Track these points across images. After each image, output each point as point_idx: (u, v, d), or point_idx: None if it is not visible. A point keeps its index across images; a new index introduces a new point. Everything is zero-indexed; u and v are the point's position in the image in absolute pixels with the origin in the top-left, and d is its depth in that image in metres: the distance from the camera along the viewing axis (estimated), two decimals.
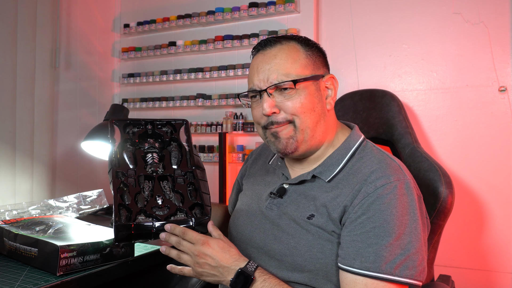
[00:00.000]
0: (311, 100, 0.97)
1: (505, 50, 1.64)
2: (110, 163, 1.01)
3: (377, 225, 0.87)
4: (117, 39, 2.53)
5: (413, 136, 1.44)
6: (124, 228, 0.91)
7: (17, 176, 1.90)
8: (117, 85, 2.54)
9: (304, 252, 0.93)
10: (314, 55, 1.01)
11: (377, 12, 1.86)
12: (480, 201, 1.67)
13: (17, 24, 1.90)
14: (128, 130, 1.06)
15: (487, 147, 1.66)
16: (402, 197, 0.89)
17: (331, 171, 0.99)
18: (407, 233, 0.87)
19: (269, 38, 1.03)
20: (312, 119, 0.98)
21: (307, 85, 0.98)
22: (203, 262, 0.91)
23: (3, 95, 1.84)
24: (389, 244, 0.85)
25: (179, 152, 1.06)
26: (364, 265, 0.85)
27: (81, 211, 1.61)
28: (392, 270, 0.84)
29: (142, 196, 0.97)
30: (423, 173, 1.27)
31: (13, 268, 1.07)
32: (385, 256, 0.85)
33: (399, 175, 0.92)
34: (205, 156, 2.16)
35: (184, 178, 1.03)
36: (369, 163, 0.96)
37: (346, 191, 0.94)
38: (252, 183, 1.16)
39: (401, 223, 0.87)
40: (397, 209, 0.87)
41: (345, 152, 1.01)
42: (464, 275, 1.68)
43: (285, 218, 0.99)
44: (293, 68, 0.97)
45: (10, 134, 1.87)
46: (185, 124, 1.10)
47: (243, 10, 2.08)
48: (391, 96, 1.54)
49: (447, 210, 1.19)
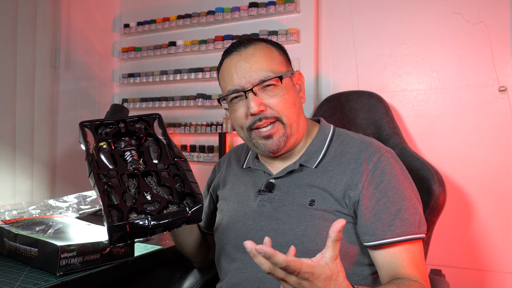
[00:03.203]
0: (292, 95, 1.02)
1: (505, 50, 1.64)
2: (89, 166, 0.97)
3: (390, 194, 0.95)
4: (117, 39, 2.53)
5: (401, 136, 1.50)
6: (118, 228, 0.88)
7: (17, 176, 1.90)
8: (117, 85, 2.54)
9: (314, 237, 0.95)
10: (282, 54, 1.07)
11: (377, 12, 1.86)
12: (480, 201, 1.67)
13: (17, 24, 1.90)
14: (100, 131, 1.03)
15: (487, 147, 1.66)
16: (396, 164, 1.00)
17: (315, 158, 1.04)
18: (412, 193, 0.98)
19: (240, 40, 1.06)
20: (295, 112, 1.02)
21: (287, 81, 1.02)
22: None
23: (3, 95, 1.84)
24: (406, 207, 0.94)
25: (158, 147, 1.04)
26: (396, 231, 0.92)
27: (81, 211, 1.61)
28: (416, 229, 0.94)
29: (129, 195, 0.94)
30: (415, 172, 1.33)
31: (13, 268, 1.07)
32: (408, 219, 0.94)
33: (383, 147, 1.03)
34: (205, 156, 2.17)
35: (168, 171, 1.00)
36: (352, 144, 1.04)
37: (339, 170, 1.00)
38: (231, 189, 1.14)
39: (405, 186, 0.97)
40: (398, 175, 0.98)
41: (324, 138, 1.07)
42: (456, 274, 1.68)
43: (283, 210, 0.99)
44: (273, 65, 1.01)
45: (10, 134, 1.87)
46: (158, 118, 1.08)
47: (243, 10, 2.08)
48: (378, 97, 1.60)
49: (440, 206, 1.27)
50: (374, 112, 1.56)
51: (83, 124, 1.03)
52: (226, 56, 1.04)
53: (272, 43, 1.06)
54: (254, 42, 1.03)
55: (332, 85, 1.94)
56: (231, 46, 1.04)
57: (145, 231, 0.90)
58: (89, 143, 1.01)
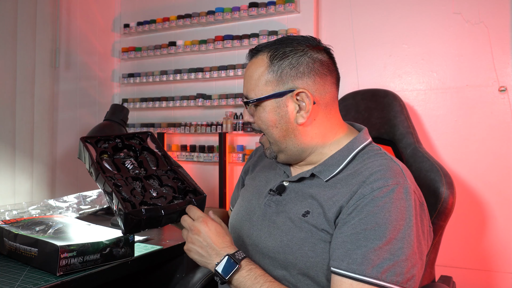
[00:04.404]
0: (271, 117, 0.99)
1: (505, 50, 1.64)
2: (95, 171, 1.03)
3: (368, 227, 0.85)
4: (117, 39, 2.53)
5: (415, 136, 1.43)
6: (134, 214, 0.92)
7: (17, 176, 1.90)
8: (117, 85, 2.54)
9: (295, 250, 0.93)
10: (281, 69, 0.97)
11: (377, 12, 1.86)
12: (480, 201, 1.67)
13: (17, 24, 1.90)
14: (100, 145, 1.11)
15: (487, 147, 1.66)
16: (398, 201, 0.87)
17: (331, 171, 0.98)
18: (399, 238, 0.85)
19: (253, 48, 1.04)
20: (277, 134, 1.00)
21: (267, 103, 0.99)
22: (195, 238, 0.93)
23: (3, 95, 1.84)
24: (378, 248, 0.84)
25: (154, 157, 1.12)
26: (350, 266, 0.84)
27: (81, 211, 1.61)
28: (378, 274, 0.82)
29: (137, 192, 1.00)
30: (424, 173, 1.26)
31: (13, 268, 1.07)
32: (373, 259, 0.83)
33: (399, 179, 0.90)
34: (205, 156, 2.16)
35: (167, 175, 1.08)
36: (370, 165, 0.93)
37: (344, 191, 0.93)
38: (254, 179, 1.16)
39: (394, 228, 0.85)
40: (390, 213, 0.85)
41: (348, 153, 0.99)
42: (465, 275, 1.68)
43: (282, 216, 0.99)
44: (256, 85, 0.99)
45: (10, 134, 1.87)
46: (150, 135, 1.17)
47: (243, 10, 2.08)
48: (393, 96, 1.53)
49: (448, 210, 1.18)
50: (389, 111, 1.49)
51: (84, 139, 1.11)
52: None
53: (274, 56, 0.98)
54: (256, 54, 1.02)
55: None
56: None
57: (158, 219, 0.96)
58: (91, 153, 1.07)
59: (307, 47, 0.99)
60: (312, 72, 0.97)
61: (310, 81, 0.97)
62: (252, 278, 0.89)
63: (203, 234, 0.92)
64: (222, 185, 2.07)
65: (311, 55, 0.98)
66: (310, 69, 0.97)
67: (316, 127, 1.00)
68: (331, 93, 1.00)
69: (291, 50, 0.98)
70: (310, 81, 0.97)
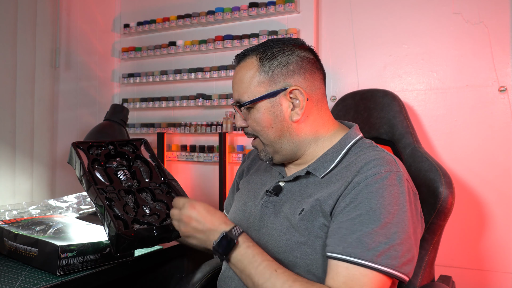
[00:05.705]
0: (266, 118, 1.00)
1: (505, 50, 1.64)
2: (86, 182, 1.01)
3: (362, 212, 0.87)
4: (117, 39, 2.53)
5: (414, 136, 1.44)
6: (126, 236, 0.90)
7: (17, 176, 1.90)
8: (117, 85, 2.54)
9: (295, 249, 0.94)
10: (272, 69, 0.99)
11: (377, 12, 1.86)
12: (480, 201, 1.67)
13: (17, 24, 1.90)
14: (92, 152, 1.08)
15: (487, 147, 1.66)
16: (391, 187, 0.89)
17: (325, 167, 0.99)
18: (394, 223, 0.86)
19: (239, 53, 1.05)
20: (272, 134, 1.01)
21: (261, 104, 1.00)
22: (189, 226, 0.93)
23: (3, 95, 1.84)
24: (373, 231, 0.85)
25: (147, 167, 1.10)
26: (346, 250, 0.85)
27: (81, 211, 1.61)
28: (374, 258, 0.83)
29: (129, 208, 0.98)
30: (423, 173, 1.27)
31: (13, 268, 1.07)
32: (368, 243, 0.84)
33: (392, 166, 0.92)
34: (205, 156, 2.17)
35: (161, 189, 1.06)
36: (364, 157, 0.95)
37: (339, 184, 0.94)
38: (249, 182, 1.16)
39: (388, 212, 0.86)
40: (384, 198, 0.87)
41: (341, 148, 1.01)
42: (465, 275, 1.68)
43: (280, 216, 0.99)
44: (249, 87, 1.00)
45: (10, 134, 1.87)
46: (145, 143, 1.15)
47: (243, 10, 2.08)
48: (392, 96, 1.54)
49: (447, 210, 1.18)
50: (388, 111, 1.50)
51: (76, 144, 1.08)
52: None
53: (263, 57, 1.00)
54: (244, 58, 1.04)
55: (332, 85, 1.94)
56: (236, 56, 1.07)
57: (151, 240, 0.94)
58: (83, 161, 1.04)
59: (293, 46, 1.01)
60: (302, 70, 1.00)
61: (301, 78, 1.00)
62: (250, 256, 0.88)
63: (195, 218, 0.92)
64: (222, 185, 2.07)
65: (299, 53, 1.01)
66: (299, 67, 1.00)
67: (309, 124, 1.02)
68: (320, 89, 1.03)
69: (279, 50, 1.00)
70: (301, 79, 1.00)
